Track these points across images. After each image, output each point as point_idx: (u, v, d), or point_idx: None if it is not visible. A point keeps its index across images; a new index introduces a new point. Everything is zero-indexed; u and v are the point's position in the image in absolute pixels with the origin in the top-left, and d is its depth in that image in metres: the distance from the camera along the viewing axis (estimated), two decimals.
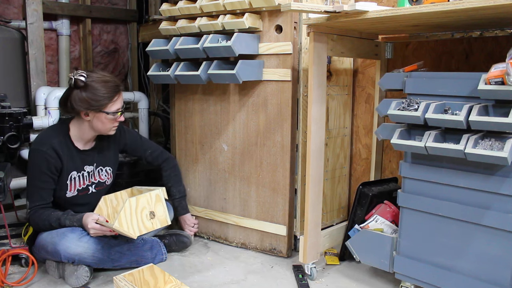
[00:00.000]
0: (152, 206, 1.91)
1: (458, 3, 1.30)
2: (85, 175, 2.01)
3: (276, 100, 2.07)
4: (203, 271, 2.02)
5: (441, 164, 1.56)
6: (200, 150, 2.38)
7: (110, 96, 1.86)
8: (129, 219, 1.84)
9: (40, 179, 1.89)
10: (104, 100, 1.85)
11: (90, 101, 1.83)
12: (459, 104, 1.47)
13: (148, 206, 1.90)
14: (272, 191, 2.13)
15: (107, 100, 1.85)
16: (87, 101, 1.83)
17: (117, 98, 1.89)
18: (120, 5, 3.83)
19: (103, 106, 1.86)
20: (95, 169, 2.05)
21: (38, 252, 1.92)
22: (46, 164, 1.88)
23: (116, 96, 1.89)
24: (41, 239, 1.89)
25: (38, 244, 1.91)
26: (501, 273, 1.45)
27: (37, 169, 1.88)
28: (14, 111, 2.31)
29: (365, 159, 2.39)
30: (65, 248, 1.82)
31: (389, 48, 2.16)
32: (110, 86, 1.86)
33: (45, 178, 1.89)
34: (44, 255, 1.90)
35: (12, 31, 2.77)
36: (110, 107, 1.88)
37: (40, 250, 1.90)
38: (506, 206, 1.42)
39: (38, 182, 1.89)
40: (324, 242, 2.06)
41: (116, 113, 1.90)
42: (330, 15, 1.60)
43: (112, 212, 2.09)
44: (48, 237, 1.87)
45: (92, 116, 1.88)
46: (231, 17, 2.05)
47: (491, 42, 1.91)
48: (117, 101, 1.90)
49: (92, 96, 1.83)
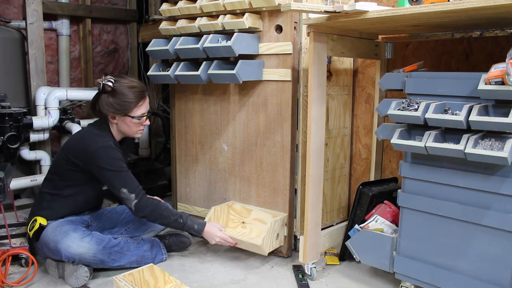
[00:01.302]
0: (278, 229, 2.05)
1: (458, 3, 1.30)
2: None
3: (276, 100, 2.07)
4: (203, 271, 2.02)
5: (441, 164, 1.56)
6: (200, 150, 2.38)
7: (135, 101, 1.92)
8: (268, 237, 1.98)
9: (125, 167, 1.92)
10: (129, 105, 1.91)
11: (117, 106, 1.91)
12: (459, 104, 1.47)
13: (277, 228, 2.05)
14: (272, 191, 2.13)
15: (132, 105, 1.92)
16: (113, 105, 1.91)
17: (142, 103, 1.95)
18: (120, 5, 3.84)
19: (129, 110, 1.92)
20: None
21: (40, 248, 1.93)
22: (120, 155, 1.92)
23: (142, 101, 1.95)
24: (45, 236, 1.89)
25: (41, 241, 1.91)
26: (501, 273, 1.45)
27: (117, 159, 1.89)
28: (14, 111, 2.32)
29: (365, 159, 2.39)
30: (66, 247, 1.82)
31: (389, 48, 2.16)
32: (135, 91, 1.92)
33: (125, 166, 1.92)
34: (46, 252, 1.90)
35: (12, 31, 2.77)
36: (135, 112, 1.94)
37: (42, 247, 1.91)
38: (506, 206, 1.42)
39: (125, 169, 1.91)
40: (324, 242, 2.06)
41: (142, 117, 1.96)
42: (330, 15, 1.60)
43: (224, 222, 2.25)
44: (52, 234, 1.87)
45: (119, 120, 1.95)
46: (231, 17, 2.05)
47: (491, 42, 1.91)
48: (142, 106, 1.96)
49: (118, 101, 1.90)
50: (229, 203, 2.26)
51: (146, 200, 1.91)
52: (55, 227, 1.90)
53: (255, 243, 1.95)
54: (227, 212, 2.25)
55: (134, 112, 1.93)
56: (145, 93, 1.97)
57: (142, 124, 1.99)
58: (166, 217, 1.95)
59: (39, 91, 2.65)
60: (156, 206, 1.93)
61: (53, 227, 1.90)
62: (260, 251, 1.97)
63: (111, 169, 1.87)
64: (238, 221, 2.24)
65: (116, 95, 1.90)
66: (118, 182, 1.88)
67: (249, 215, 2.20)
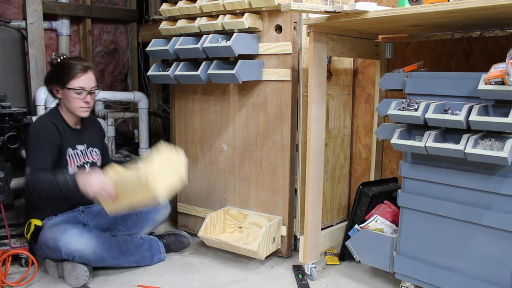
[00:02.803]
0: (274, 233, 2.02)
1: (458, 3, 1.30)
2: (79, 153, 2.05)
3: (276, 100, 2.07)
4: (203, 271, 2.02)
5: (441, 164, 1.56)
6: (200, 150, 2.38)
7: (74, 72, 1.93)
8: (264, 242, 1.94)
9: (42, 147, 1.91)
10: (67, 75, 1.93)
11: (56, 76, 1.95)
12: (459, 104, 1.47)
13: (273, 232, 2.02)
14: (272, 191, 2.13)
15: (71, 76, 1.92)
16: (54, 76, 1.96)
17: (81, 76, 1.94)
18: (120, 5, 3.84)
19: (67, 82, 1.93)
20: (86, 148, 2.09)
21: (40, 249, 1.92)
22: (48, 135, 1.92)
23: (81, 73, 1.94)
24: (43, 235, 1.89)
25: (40, 241, 1.91)
26: (501, 273, 1.45)
27: (39, 138, 1.90)
28: (14, 111, 2.31)
29: (365, 159, 2.39)
30: (66, 244, 1.82)
31: (389, 48, 2.16)
32: (77, 64, 1.95)
33: (47, 146, 1.91)
34: (46, 251, 1.90)
35: (12, 31, 2.77)
36: (73, 83, 1.93)
37: (42, 247, 1.90)
38: (506, 206, 1.42)
39: (39, 149, 1.90)
40: (324, 242, 2.06)
41: (80, 91, 1.93)
42: (330, 15, 1.60)
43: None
44: (50, 232, 1.87)
45: (62, 94, 1.97)
46: (231, 17, 2.05)
47: (491, 42, 1.91)
48: (81, 78, 1.94)
49: (58, 72, 1.95)
50: (225, 209, 2.26)
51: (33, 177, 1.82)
52: (52, 225, 1.90)
53: (251, 249, 1.95)
54: (224, 217, 2.26)
55: (72, 83, 1.92)
56: (88, 69, 1.96)
57: (84, 101, 1.96)
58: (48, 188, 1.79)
59: (39, 91, 2.65)
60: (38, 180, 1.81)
61: (51, 226, 1.90)
62: (257, 256, 1.98)
63: (29, 148, 1.90)
64: (235, 226, 2.24)
65: (58, 67, 1.96)
66: (27, 158, 1.90)
67: (245, 220, 2.21)
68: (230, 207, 2.27)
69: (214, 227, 2.19)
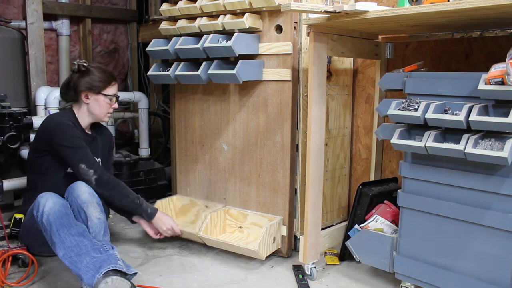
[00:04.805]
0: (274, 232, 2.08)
1: (458, 3, 1.30)
2: None
3: (276, 100, 2.07)
4: (203, 271, 2.02)
5: (441, 164, 1.56)
6: (200, 150, 2.39)
7: (107, 80, 2.04)
8: (264, 242, 2.00)
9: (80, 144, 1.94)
10: (103, 83, 2.03)
11: (91, 83, 2.01)
12: (459, 104, 1.47)
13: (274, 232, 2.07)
14: (272, 191, 2.13)
15: (106, 83, 2.03)
16: (88, 83, 2.01)
17: (113, 85, 2.07)
18: (120, 5, 3.84)
19: (102, 88, 2.03)
20: None
21: (26, 234, 1.92)
22: (78, 133, 1.97)
23: (113, 82, 2.07)
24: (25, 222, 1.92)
25: (23, 227, 1.93)
26: (501, 273, 1.45)
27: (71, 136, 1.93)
28: (14, 111, 2.31)
29: (365, 159, 2.39)
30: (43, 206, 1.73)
31: (389, 48, 2.16)
32: (107, 73, 2.07)
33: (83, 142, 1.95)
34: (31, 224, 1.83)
35: (12, 31, 2.77)
36: (108, 90, 2.04)
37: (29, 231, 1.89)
38: (506, 206, 1.42)
39: (79, 146, 1.93)
40: (324, 242, 2.06)
41: (112, 98, 2.06)
42: (330, 15, 1.60)
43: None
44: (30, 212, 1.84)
45: (92, 99, 2.03)
46: (231, 17, 2.05)
47: (491, 42, 1.91)
48: (113, 86, 2.07)
49: (92, 79, 2.02)
50: (225, 209, 2.26)
51: (108, 176, 1.94)
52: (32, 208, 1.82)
53: (251, 249, 1.95)
54: (224, 217, 2.26)
55: (107, 90, 2.03)
56: (115, 78, 2.10)
57: (112, 106, 2.08)
58: (125, 195, 1.98)
59: (39, 91, 2.66)
60: (117, 183, 1.97)
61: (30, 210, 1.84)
62: (257, 256, 1.98)
63: (68, 145, 1.91)
64: (235, 226, 2.24)
65: (91, 74, 2.01)
66: (77, 158, 1.90)
67: (245, 220, 2.21)
68: (231, 207, 2.27)
69: (214, 227, 2.19)
